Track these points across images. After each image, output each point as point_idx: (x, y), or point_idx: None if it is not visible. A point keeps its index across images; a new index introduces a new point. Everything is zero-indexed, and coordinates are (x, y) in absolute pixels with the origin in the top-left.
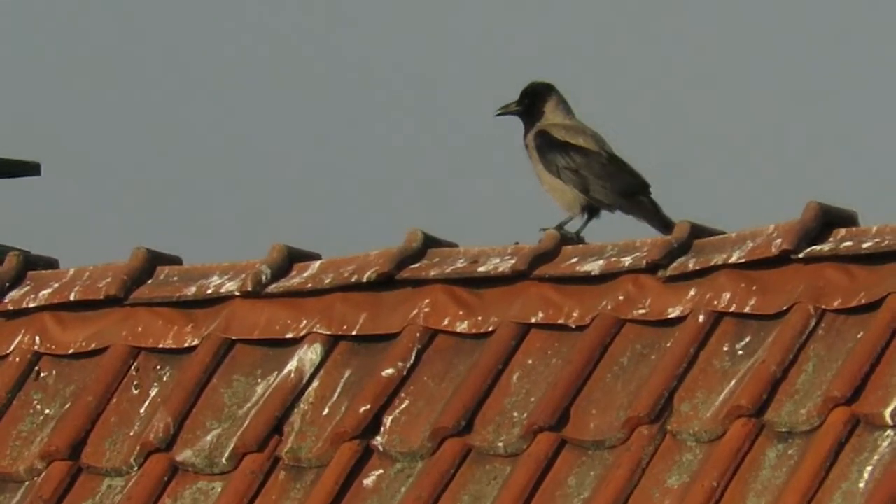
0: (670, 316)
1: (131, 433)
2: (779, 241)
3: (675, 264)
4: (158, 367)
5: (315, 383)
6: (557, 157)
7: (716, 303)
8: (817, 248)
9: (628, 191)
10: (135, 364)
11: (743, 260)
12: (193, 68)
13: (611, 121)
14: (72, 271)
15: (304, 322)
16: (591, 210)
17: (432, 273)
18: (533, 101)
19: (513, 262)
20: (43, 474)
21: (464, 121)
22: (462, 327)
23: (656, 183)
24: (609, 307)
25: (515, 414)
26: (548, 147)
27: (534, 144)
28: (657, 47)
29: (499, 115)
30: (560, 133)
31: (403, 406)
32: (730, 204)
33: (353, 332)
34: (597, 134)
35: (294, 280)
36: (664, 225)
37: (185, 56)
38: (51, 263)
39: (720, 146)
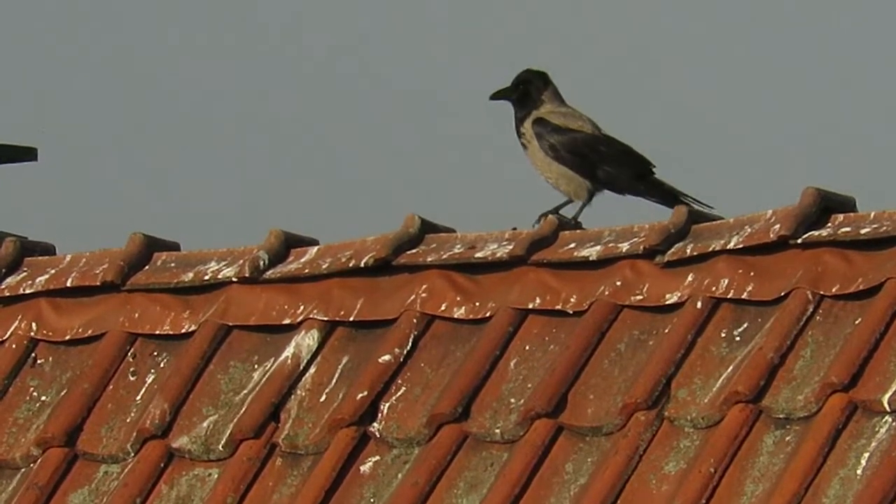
0: (668, 302)
1: (128, 420)
2: (777, 226)
3: (672, 250)
4: (155, 354)
5: (312, 369)
6: (560, 144)
7: (714, 288)
8: (815, 233)
9: (637, 172)
10: (132, 350)
11: (741, 245)
12: (191, 53)
13: (606, 110)
14: (68, 257)
15: (302, 308)
16: (593, 194)
17: (429, 259)
18: (527, 88)
19: (510, 247)
20: (39, 461)
21: (461, 106)
22: (459, 313)
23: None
24: (607, 293)
25: (513, 400)
26: (549, 134)
27: (533, 132)
28: (653, 36)
29: (493, 99)
30: (559, 119)
31: (400, 392)
32: (726, 190)
33: (351, 318)
34: (591, 119)
35: (291, 266)
36: (673, 197)
37: (182, 40)
38: (47, 249)
39: (716, 132)
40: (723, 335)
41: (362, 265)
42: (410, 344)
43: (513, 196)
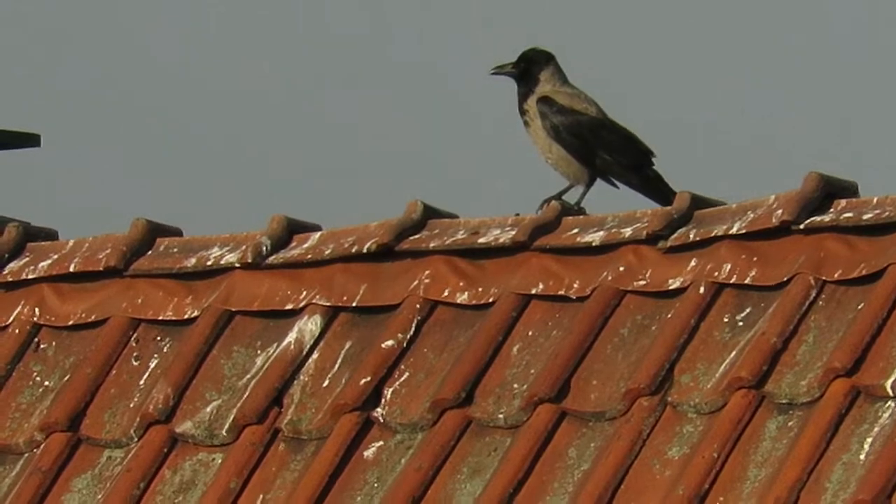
0: (671, 287)
1: (131, 405)
2: (779, 211)
3: (675, 235)
4: (158, 339)
5: (315, 355)
6: (563, 125)
7: (716, 274)
8: (818, 218)
9: (635, 162)
10: (134, 335)
11: (743, 231)
12: (192, 40)
13: (605, 92)
14: (71, 242)
15: (304, 293)
16: (592, 180)
17: (432, 244)
18: (529, 66)
19: (513, 233)
20: (42, 446)
21: (463, 90)
22: (462, 298)
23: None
24: (610, 278)
25: (516, 385)
26: (553, 114)
27: (537, 110)
28: (647, 25)
29: (493, 73)
30: (564, 99)
31: (404, 378)
32: (727, 177)
33: (354, 304)
34: (596, 103)
35: (294, 251)
36: (664, 197)
37: (183, 26)
38: (50, 235)
39: (715, 119)
40: (725, 320)
41: (365, 251)
42: (413, 329)
43: (515, 181)
